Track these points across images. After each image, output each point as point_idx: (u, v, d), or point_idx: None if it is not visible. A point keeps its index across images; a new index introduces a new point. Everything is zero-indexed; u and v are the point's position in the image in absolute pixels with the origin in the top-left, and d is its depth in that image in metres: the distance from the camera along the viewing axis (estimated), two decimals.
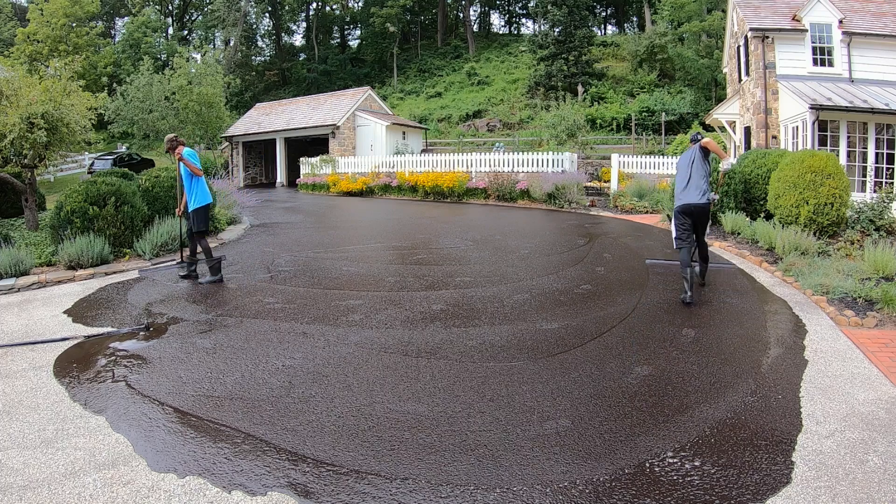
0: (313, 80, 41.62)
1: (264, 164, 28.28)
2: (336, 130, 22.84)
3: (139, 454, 2.71)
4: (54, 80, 9.59)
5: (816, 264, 6.17)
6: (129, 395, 3.37)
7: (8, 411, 3.20)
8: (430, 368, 3.72)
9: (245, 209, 12.44)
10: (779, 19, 13.76)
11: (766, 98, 13.58)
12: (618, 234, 9.50)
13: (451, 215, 12.31)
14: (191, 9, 49.07)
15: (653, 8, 33.80)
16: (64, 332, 4.63)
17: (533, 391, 3.36)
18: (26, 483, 2.48)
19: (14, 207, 11.20)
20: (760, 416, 3.06)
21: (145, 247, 7.45)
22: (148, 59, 26.90)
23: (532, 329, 4.50)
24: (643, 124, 25.76)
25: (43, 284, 6.32)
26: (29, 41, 31.11)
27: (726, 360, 3.86)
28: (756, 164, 9.41)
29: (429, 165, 17.63)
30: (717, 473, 2.51)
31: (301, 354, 4.00)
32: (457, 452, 2.69)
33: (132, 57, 35.72)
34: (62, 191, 7.95)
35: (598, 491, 2.39)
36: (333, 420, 3.03)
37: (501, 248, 8.03)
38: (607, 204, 13.47)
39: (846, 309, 4.90)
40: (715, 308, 5.11)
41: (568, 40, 31.11)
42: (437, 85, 37.79)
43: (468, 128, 30.46)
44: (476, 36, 45.96)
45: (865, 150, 11.66)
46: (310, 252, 8.02)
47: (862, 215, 7.89)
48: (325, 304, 5.26)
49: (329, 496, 2.37)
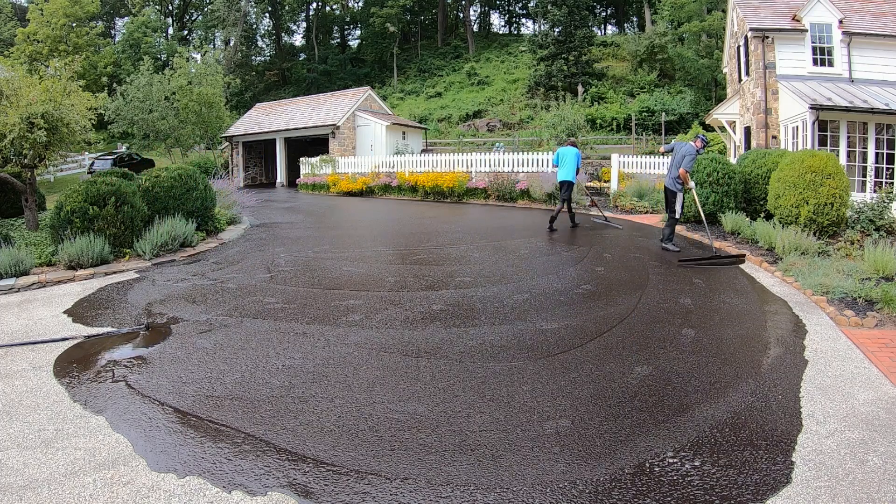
0: (313, 80, 41.63)
1: (264, 164, 28.26)
2: (336, 130, 22.83)
3: (139, 454, 2.71)
4: (54, 80, 9.58)
5: (816, 264, 6.17)
6: (129, 395, 3.37)
7: (8, 411, 3.20)
8: (430, 368, 3.72)
9: (245, 209, 12.44)
10: (779, 19, 13.76)
11: (766, 98, 13.58)
12: (618, 234, 9.50)
13: (451, 215, 12.31)
14: (191, 9, 49.08)
15: (653, 8, 33.80)
16: (64, 332, 4.63)
17: (533, 391, 3.36)
18: (26, 483, 2.48)
19: (14, 207, 11.20)
20: (760, 416, 3.06)
21: (145, 247, 7.45)
22: (148, 59, 26.94)
23: (532, 329, 4.50)
24: (643, 124, 25.77)
25: (43, 284, 6.31)
26: (29, 41, 31.11)
27: (726, 360, 3.86)
28: (756, 165, 9.42)
29: (429, 165, 17.62)
30: (717, 473, 2.51)
31: (301, 354, 4.00)
32: (457, 452, 2.69)
33: (132, 57, 35.74)
34: (62, 191, 7.95)
35: (598, 491, 2.39)
36: (333, 420, 3.03)
37: (501, 248, 8.03)
38: (607, 204, 13.46)
39: (846, 309, 4.90)
40: (715, 308, 5.11)
41: (568, 40, 31.11)
42: (437, 85, 37.80)
43: (468, 128, 30.45)
44: (476, 36, 45.97)
45: (865, 150, 11.67)
46: (310, 252, 8.02)
47: (862, 215, 7.89)
48: (325, 304, 5.26)
49: (329, 496, 2.37)
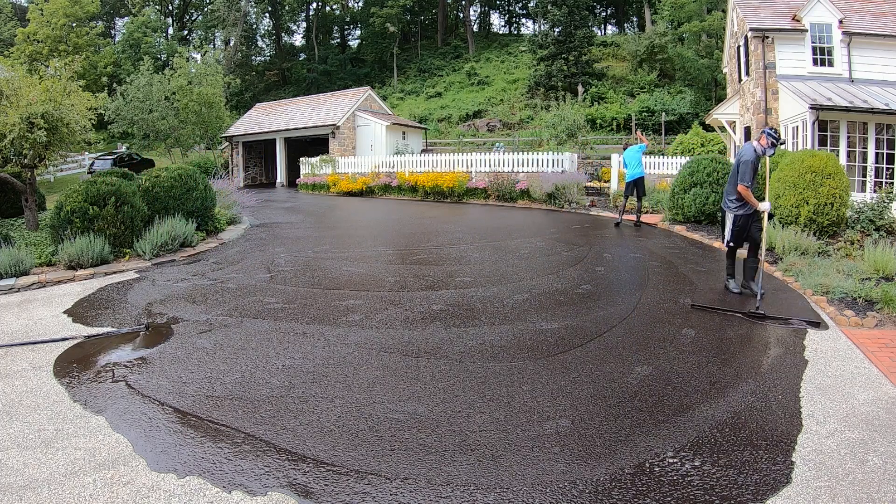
0: (313, 80, 41.62)
1: (264, 164, 28.26)
2: (336, 130, 22.82)
3: (139, 454, 2.71)
4: (54, 80, 9.58)
5: (816, 264, 6.17)
6: (129, 395, 3.37)
7: (8, 411, 3.20)
8: (430, 368, 3.72)
9: (245, 209, 12.44)
10: (779, 19, 13.76)
11: (766, 98, 13.57)
12: (618, 234, 9.50)
13: (451, 215, 12.31)
14: (191, 9, 49.06)
15: (653, 8, 33.78)
16: (64, 332, 4.63)
17: (533, 391, 3.36)
18: (26, 483, 2.48)
19: (14, 207, 11.20)
20: (760, 416, 3.06)
21: (145, 247, 7.45)
22: (148, 59, 26.93)
23: (532, 329, 4.49)
24: (643, 124, 25.75)
25: (43, 284, 6.31)
26: (29, 41, 31.11)
27: (726, 361, 3.86)
28: None
29: (429, 165, 17.61)
30: (718, 473, 2.51)
31: (301, 354, 4.00)
32: (457, 452, 2.69)
33: (132, 57, 35.71)
34: (62, 191, 7.95)
35: (598, 491, 2.39)
36: (333, 420, 3.03)
37: (501, 248, 8.03)
38: (607, 204, 13.46)
39: (846, 309, 4.90)
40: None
41: (568, 40, 31.09)
42: (437, 85, 37.77)
43: (468, 128, 30.43)
44: (476, 36, 45.95)
45: (865, 150, 11.67)
46: (310, 252, 8.02)
47: (862, 215, 7.89)
48: (325, 304, 5.26)
49: (329, 496, 2.37)
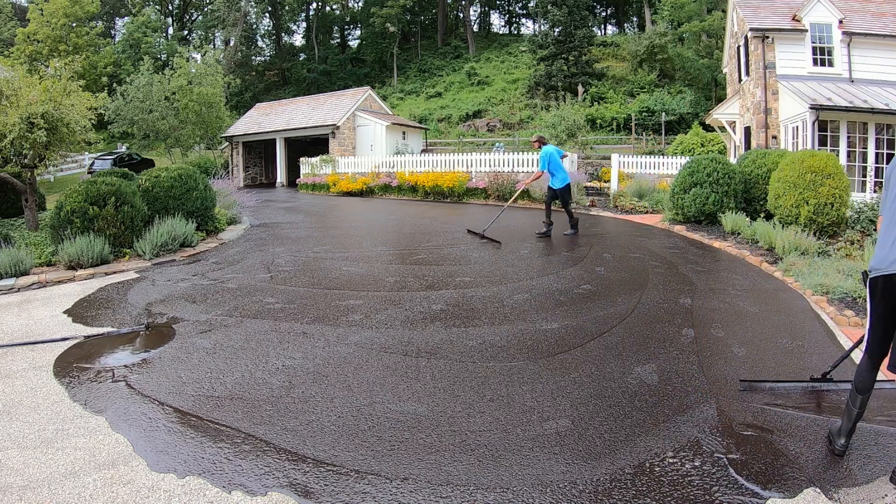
0: (313, 80, 41.61)
1: (264, 164, 28.25)
2: (336, 130, 22.82)
3: (139, 454, 2.71)
4: (54, 80, 9.58)
5: (816, 264, 6.17)
6: (129, 395, 3.37)
7: (8, 411, 3.20)
8: (430, 368, 3.72)
9: (245, 209, 12.44)
10: (779, 19, 13.77)
11: (766, 98, 13.58)
12: (618, 234, 9.50)
13: (451, 215, 12.31)
14: (191, 9, 49.06)
15: (653, 8, 33.80)
16: (64, 332, 4.63)
17: (533, 391, 3.36)
18: (26, 483, 2.48)
19: (14, 207, 11.20)
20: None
21: (145, 247, 7.45)
22: (148, 59, 26.93)
23: (532, 329, 4.50)
24: (643, 124, 25.76)
25: (43, 284, 6.31)
26: (29, 41, 31.08)
27: (727, 361, 3.86)
28: (756, 164, 9.42)
29: (429, 165, 17.60)
30: (718, 473, 2.51)
31: (301, 354, 4.00)
32: (457, 452, 2.69)
33: (132, 57, 35.71)
34: (62, 191, 7.95)
35: (598, 491, 2.39)
36: (333, 420, 3.03)
37: (501, 248, 8.03)
38: (607, 204, 13.46)
39: (846, 309, 4.90)
40: (715, 308, 5.11)
41: (568, 40, 31.09)
42: (437, 85, 37.77)
43: (468, 128, 30.43)
44: (476, 36, 45.96)
45: (865, 150, 11.67)
46: (310, 252, 8.02)
47: (862, 215, 7.89)
48: (325, 304, 5.26)
49: (329, 496, 2.37)
